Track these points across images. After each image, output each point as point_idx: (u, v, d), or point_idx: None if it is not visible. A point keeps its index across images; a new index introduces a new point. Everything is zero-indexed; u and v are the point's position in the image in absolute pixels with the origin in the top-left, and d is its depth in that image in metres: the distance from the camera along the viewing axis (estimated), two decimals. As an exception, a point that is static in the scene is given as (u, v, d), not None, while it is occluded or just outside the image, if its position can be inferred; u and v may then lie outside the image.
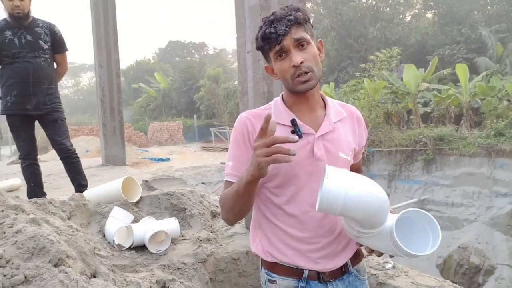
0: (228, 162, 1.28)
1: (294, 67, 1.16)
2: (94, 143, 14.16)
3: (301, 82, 1.18)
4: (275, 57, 1.19)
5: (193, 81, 31.03)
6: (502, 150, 11.70)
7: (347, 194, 1.00)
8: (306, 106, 1.27)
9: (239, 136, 1.26)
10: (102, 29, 6.21)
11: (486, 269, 10.84)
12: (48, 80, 3.25)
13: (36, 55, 3.16)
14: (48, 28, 3.26)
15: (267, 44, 1.18)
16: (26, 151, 3.23)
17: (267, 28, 1.17)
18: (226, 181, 1.28)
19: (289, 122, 1.22)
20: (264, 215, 1.29)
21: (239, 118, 1.29)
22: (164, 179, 3.62)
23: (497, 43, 20.71)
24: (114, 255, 2.37)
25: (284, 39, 1.15)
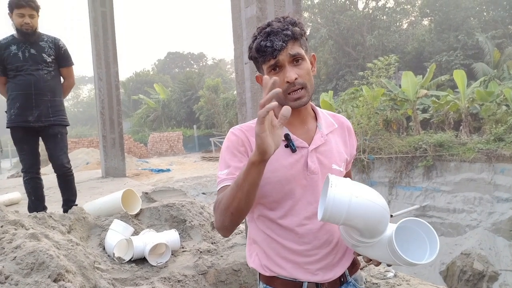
0: (221, 171, 1.23)
1: (288, 83, 1.15)
2: (94, 155, 14.16)
3: (294, 99, 1.17)
4: (269, 70, 1.18)
5: (192, 92, 31.13)
6: (502, 155, 11.69)
7: (351, 203, 1.00)
8: (298, 119, 1.26)
9: (232, 145, 1.24)
10: (101, 42, 6.26)
11: (490, 275, 10.75)
12: (52, 93, 3.29)
13: (39, 67, 3.21)
14: (53, 42, 3.33)
15: (262, 57, 1.17)
16: (28, 164, 3.24)
17: (263, 41, 1.15)
18: (219, 189, 1.22)
19: (282, 136, 1.22)
20: (260, 230, 1.29)
21: (233, 131, 1.27)
22: (164, 190, 3.61)
23: (494, 48, 20.84)
24: (114, 268, 2.36)
25: (280, 54, 1.14)
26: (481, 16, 25.91)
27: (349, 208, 1.00)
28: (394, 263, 1.10)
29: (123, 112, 9.71)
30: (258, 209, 1.28)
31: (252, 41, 1.20)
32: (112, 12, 6.46)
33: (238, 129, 1.27)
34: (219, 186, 1.22)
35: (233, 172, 1.19)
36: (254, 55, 1.20)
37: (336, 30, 26.34)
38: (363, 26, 26.32)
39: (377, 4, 27.24)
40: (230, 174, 1.20)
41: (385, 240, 1.08)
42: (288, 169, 1.21)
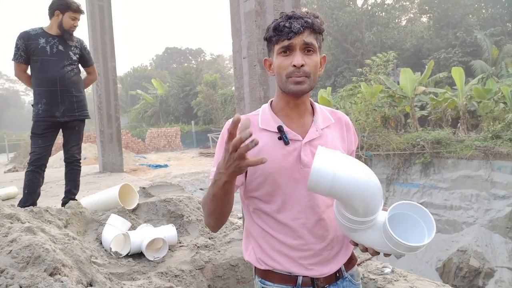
0: (213, 167, 1.22)
1: (294, 66, 1.15)
2: (92, 150, 14.11)
3: (294, 82, 1.17)
4: (279, 51, 1.18)
5: (190, 87, 31.05)
6: (499, 153, 11.73)
7: (335, 173, 0.99)
8: (295, 111, 1.26)
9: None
10: (98, 36, 6.22)
11: (485, 272, 10.82)
12: (76, 89, 3.44)
13: (64, 64, 3.35)
14: (79, 42, 3.52)
15: (277, 36, 1.17)
16: (37, 159, 3.31)
17: (282, 21, 1.17)
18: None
19: (276, 128, 1.22)
20: (255, 223, 1.29)
21: (226, 125, 1.27)
22: (162, 185, 3.60)
23: (492, 46, 20.84)
24: (111, 263, 2.36)
25: (295, 37, 1.15)
26: (480, 14, 25.89)
27: (334, 178, 0.99)
28: (391, 250, 1.09)
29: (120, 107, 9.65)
30: (253, 202, 1.28)
31: (272, 22, 1.21)
32: (109, 6, 6.42)
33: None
34: (210, 184, 1.23)
35: None
36: (270, 35, 1.20)
37: (335, 26, 26.28)
38: (361, 22, 26.27)
39: (376, 1, 27.18)
40: None
41: (380, 225, 1.07)
42: (280, 161, 1.21)
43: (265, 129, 1.24)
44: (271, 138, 1.22)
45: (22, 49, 3.26)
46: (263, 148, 1.21)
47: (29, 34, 3.28)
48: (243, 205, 1.35)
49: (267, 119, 1.25)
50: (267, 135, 1.22)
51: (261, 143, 1.21)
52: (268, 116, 1.26)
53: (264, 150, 1.20)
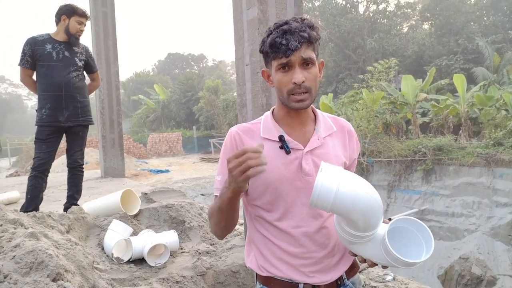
0: (218, 176, 1.28)
1: (294, 84, 1.16)
2: (94, 155, 14.14)
3: (296, 101, 1.18)
4: (278, 68, 1.18)
5: (192, 93, 31.13)
6: (501, 160, 11.70)
7: (338, 190, 1.00)
8: (296, 120, 1.27)
9: (228, 150, 1.27)
10: (102, 42, 6.26)
11: (487, 279, 10.75)
12: (80, 94, 3.48)
13: (70, 70, 3.39)
14: (85, 49, 3.58)
15: (274, 53, 1.16)
16: (40, 164, 3.33)
17: (278, 37, 1.15)
18: (216, 195, 1.27)
19: (277, 137, 1.23)
20: (257, 231, 1.29)
21: (229, 133, 1.29)
22: (163, 191, 3.61)
23: (493, 53, 20.87)
24: (113, 268, 2.36)
25: (293, 55, 1.14)
26: (482, 21, 25.95)
27: (337, 194, 1.00)
28: (388, 263, 1.10)
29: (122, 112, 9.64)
30: (255, 210, 1.28)
31: (267, 36, 1.19)
32: (113, 12, 6.46)
33: (235, 132, 1.28)
34: (215, 192, 1.28)
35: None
36: (266, 50, 1.19)
37: (337, 33, 26.38)
38: (363, 29, 26.36)
39: (378, 8, 27.29)
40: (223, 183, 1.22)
41: (379, 238, 1.08)
42: (281, 170, 1.22)
43: (266, 138, 1.25)
44: (273, 147, 1.23)
45: (28, 55, 3.30)
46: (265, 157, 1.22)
47: (36, 39, 3.33)
48: (246, 212, 1.36)
49: (268, 128, 1.27)
50: (268, 144, 1.23)
51: (264, 153, 1.22)
52: (270, 125, 1.27)
53: (267, 159, 1.22)
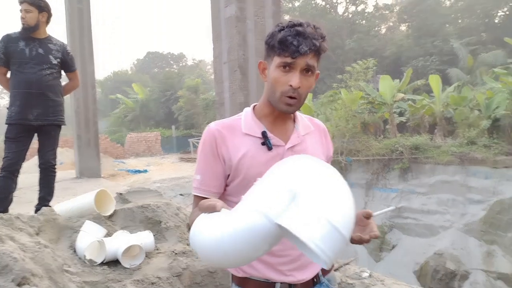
0: (196, 175, 1.27)
1: (291, 86, 1.15)
2: (69, 155, 13.78)
3: (286, 104, 1.18)
4: (279, 65, 1.16)
5: (171, 92, 30.80)
6: (474, 158, 12.03)
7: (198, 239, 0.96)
8: (279, 119, 1.27)
9: (207, 148, 1.24)
10: (77, 40, 6.12)
11: (461, 274, 11.05)
12: (53, 93, 3.36)
13: (43, 67, 3.28)
14: (61, 47, 3.45)
15: (282, 50, 1.14)
16: (10, 164, 3.22)
17: (290, 36, 1.13)
18: (194, 195, 1.27)
19: (260, 133, 1.23)
20: None
21: (208, 129, 1.27)
22: (139, 191, 3.54)
23: (467, 55, 21.46)
24: (85, 271, 2.30)
25: (300, 58, 1.13)
26: (457, 23, 26.67)
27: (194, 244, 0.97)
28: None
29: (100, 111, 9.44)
30: (232, 207, 1.26)
31: (278, 30, 1.17)
32: (88, 9, 6.33)
33: (215, 129, 1.25)
34: (192, 191, 1.27)
35: (206, 180, 1.23)
36: (274, 44, 1.17)
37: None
38: (342, 30, 26.69)
39: (357, 9, 27.68)
40: (203, 183, 1.24)
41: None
42: (263, 166, 1.20)
43: (248, 134, 1.24)
44: (254, 143, 1.22)
45: (2, 51, 3.22)
46: (246, 153, 1.21)
47: (9, 36, 3.25)
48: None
49: (250, 124, 1.26)
50: (250, 140, 1.23)
51: (245, 148, 1.21)
52: (251, 121, 1.26)
53: (247, 155, 1.21)
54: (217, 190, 1.26)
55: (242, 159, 1.20)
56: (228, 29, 2.93)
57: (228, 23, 2.92)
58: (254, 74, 2.67)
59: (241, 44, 2.73)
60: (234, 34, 2.89)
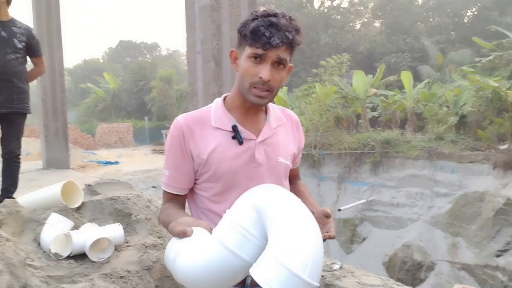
0: (165, 170, 1.24)
1: (260, 78, 1.12)
2: (36, 145, 13.30)
3: (256, 95, 1.14)
4: (250, 56, 1.13)
5: (144, 82, 30.17)
6: (442, 153, 12.44)
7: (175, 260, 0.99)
8: (250, 111, 1.24)
9: (175, 143, 1.21)
10: (44, 24, 5.86)
11: (427, 265, 11.46)
12: (18, 79, 3.20)
13: (7, 52, 3.11)
14: (26, 30, 3.27)
15: (253, 40, 1.11)
16: None
17: (263, 27, 1.09)
18: (164, 190, 1.24)
19: (230, 127, 1.20)
20: None
21: (175, 123, 1.22)
22: (109, 183, 3.45)
23: (437, 53, 22.07)
24: (49, 265, 2.21)
25: (271, 50, 1.10)
26: (428, 22, 27.34)
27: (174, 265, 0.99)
28: None
29: (69, 100, 9.12)
30: (202, 202, 1.24)
31: (251, 19, 1.13)
32: (57, -8, 6.07)
33: (182, 123, 1.21)
34: (162, 186, 1.26)
35: (174, 176, 1.22)
36: (246, 33, 1.13)
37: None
38: (318, 24, 26.84)
39: (332, 4, 27.88)
40: (171, 179, 1.22)
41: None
42: (234, 160, 1.18)
43: (218, 128, 1.20)
44: (225, 137, 1.19)
45: None
46: (216, 148, 1.18)
47: None
48: (191, 206, 1.30)
49: (220, 117, 1.22)
50: (220, 134, 1.20)
51: (215, 143, 1.18)
52: (221, 114, 1.23)
53: (217, 150, 1.18)
54: (186, 186, 1.24)
55: (212, 154, 1.17)
56: (202, 18, 2.87)
57: (203, 12, 2.86)
58: (228, 64, 2.64)
59: (215, 34, 2.68)
60: (209, 24, 2.84)
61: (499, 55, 14.22)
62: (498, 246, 10.01)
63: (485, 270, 10.09)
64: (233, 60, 1.22)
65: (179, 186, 1.24)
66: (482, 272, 10.16)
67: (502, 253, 9.90)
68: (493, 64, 14.67)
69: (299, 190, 1.42)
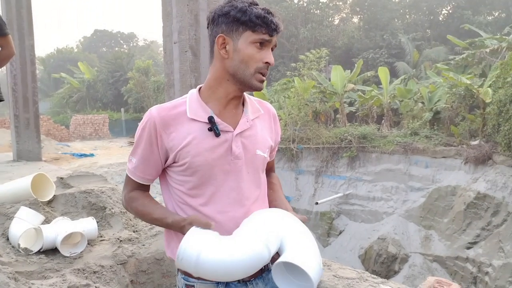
0: (132, 157, 1.22)
1: (267, 64, 1.14)
2: (6, 137, 12.85)
3: (260, 80, 1.16)
4: (254, 41, 1.12)
5: (121, 73, 29.53)
6: (416, 148, 12.73)
7: (199, 257, 1.01)
8: (231, 103, 1.21)
9: (145, 135, 1.18)
10: (13, 9, 5.61)
11: (401, 257, 11.75)
12: None
13: None
14: None
15: (260, 26, 1.11)
16: None
17: (266, 14, 1.12)
18: (128, 176, 1.23)
19: (206, 119, 1.16)
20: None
21: (148, 115, 1.18)
22: (82, 176, 3.35)
23: (413, 49, 22.48)
24: (18, 260, 2.13)
25: (274, 36, 1.15)
26: (404, 19, 27.78)
27: (197, 261, 1.01)
28: None
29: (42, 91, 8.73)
30: (178, 196, 1.21)
31: (248, 5, 1.12)
32: (28, -23, 5.82)
33: (156, 114, 1.16)
34: (127, 171, 1.23)
35: (140, 167, 1.20)
36: (248, 19, 1.11)
37: None
38: (297, 18, 26.85)
39: (312, -2, 27.92)
40: (137, 168, 1.21)
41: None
42: (210, 153, 1.15)
43: (194, 119, 1.16)
44: (201, 129, 1.15)
45: None
46: (191, 140, 1.14)
47: None
48: (166, 199, 1.27)
49: (195, 108, 1.18)
50: (196, 126, 1.16)
51: (190, 135, 1.14)
52: (197, 105, 1.18)
53: (192, 142, 1.14)
54: (152, 177, 1.24)
55: (187, 147, 1.14)
56: (179, 7, 2.80)
57: (180, 1, 2.79)
58: (205, 55, 2.59)
59: (192, 24, 2.62)
60: (186, 13, 2.77)
61: (471, 53, 14.60)
62: (469, 239, 10.35)
63: (456, 262, 10.43)
64: (220, 45, 1.16)
65: (145, 177, 1.22)
66: (453, 263, 10.50)
67: (472, 245, 10.24)
68: (466, 62, 15.06)
69: (271, 183, 1.40)
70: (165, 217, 1.18)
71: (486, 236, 10.07)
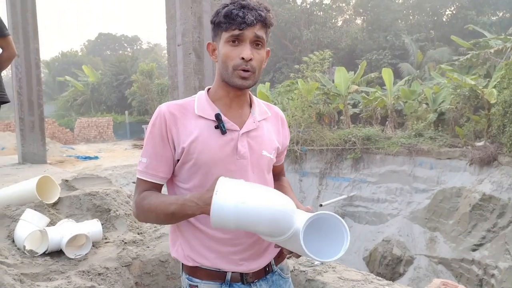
0: (142, 158, 1.19)
1: (243, 59, 1.11)
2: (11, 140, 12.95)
3: (240, 77, 1.13)
4: (227, 40, 1.13)
5: (125, 76, 29.66)
6: (421, 149, 12.67)
7: (238, 210, 0.97)
8: (234, 102, 1.22)
9: (156, 131, 1.17)
10: (19, 13, 5.66)
11: (406, 259, 11.68)
12: None
13: None
14: None
15: (228, 24, 1.11)
16: None
17: (235, 9, 1.11)
18: (139, 179, 1.19)
19: (213, 116, 1.17)
20: None
21: (158, 111, 1.19)
22: (87, 178, 3.36)
23: (417, 50, 22.43)
24: (24, 262, 2.14)
25: (247, 29, 1.11)
26: (408, 20, 27.74)
27: (238, 215, 0.97)
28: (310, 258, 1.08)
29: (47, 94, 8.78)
30: (182, 194, 1.20)
31: (222, 7, 1.14)
32: (32, -19, 5.87)
33: (166, 110, 1.18)
34: (138, 175, 1.19)
35: (153, 164, 1.17)
36: (219, 20, 1.13)
37: (275, 23, 26.62)
38: (300, 20, 26.88)
39: (315, 0, 27.94)
40: (149, 166, 1.17)
41: (298, 234, 1.04)
42: (216, 151, 1.15)
43: (201, 116, 1.17)
44: (207, 127, 1.16)
45: None
46: (198, 137, 1.14)
47: None
48: None
49: (203, 106, 1.19)
50: (203, 123, 1.16)
51: (197, 132, 1.15)
52: (205, 104, 1.20)
53: (199, 139, 1.14)
54: (165, 175, 1.20)
55: (194, 143, 1.14)
56: (182, 10, 2.81)
57: (183, 3, 2.80)
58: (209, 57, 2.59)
59: (196, 26, 2.63)
60: (189, 16, 2.78)
61: (476, 54, 14.53)
62: (474, 241, 10.28)
63: (461, 264, 10.35)
64: (211, 52, 1.22)
65: (157, 174, 1.18)
66: (458, 266, 10.42)
67: (477, 247, 10.17)
68: (471, 62, 14.99)
69: (282, 186, 1.41)
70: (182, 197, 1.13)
71: (492, 238, 10.00)
